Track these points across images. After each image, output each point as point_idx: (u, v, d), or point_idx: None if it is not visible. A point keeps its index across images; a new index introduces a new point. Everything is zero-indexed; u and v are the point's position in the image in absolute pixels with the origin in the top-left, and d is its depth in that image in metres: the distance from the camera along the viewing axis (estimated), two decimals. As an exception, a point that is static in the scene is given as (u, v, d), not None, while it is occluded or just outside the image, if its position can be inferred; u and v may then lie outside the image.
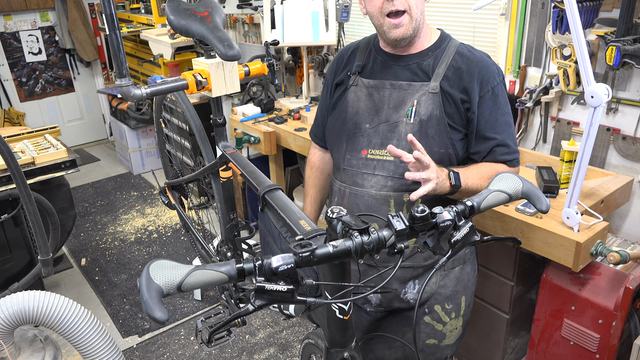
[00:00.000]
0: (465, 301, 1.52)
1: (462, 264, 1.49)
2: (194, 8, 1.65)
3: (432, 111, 1.35)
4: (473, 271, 1.54)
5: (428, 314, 1.48)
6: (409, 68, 1.39)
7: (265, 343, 2.57)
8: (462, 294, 1.51)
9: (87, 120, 5.45)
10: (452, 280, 1.48)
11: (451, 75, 1.36)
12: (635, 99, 1.92)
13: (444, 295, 1.48)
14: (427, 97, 1.35)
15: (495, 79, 1.37)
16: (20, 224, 2.50)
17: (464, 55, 1.37)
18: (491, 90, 1.36)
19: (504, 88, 1.40)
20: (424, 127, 1.35)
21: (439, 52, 1.39)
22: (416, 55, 1.40)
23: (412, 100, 1.37)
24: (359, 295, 0.96)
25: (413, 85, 1.37)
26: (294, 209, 1.33)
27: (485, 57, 1.39)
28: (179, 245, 3.48)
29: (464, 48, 1.40)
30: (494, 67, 1.38)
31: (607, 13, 1.91)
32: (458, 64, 1.36)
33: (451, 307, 1.49)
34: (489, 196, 0.99)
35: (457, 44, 1.40)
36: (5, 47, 4.76)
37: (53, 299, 1.45)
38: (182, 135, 3.67)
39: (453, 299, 1.49)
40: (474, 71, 1.35)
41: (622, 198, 1.94)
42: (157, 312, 0.75)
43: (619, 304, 1.66)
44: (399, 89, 1.39)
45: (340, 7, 2.83)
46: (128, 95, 1.44)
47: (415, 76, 1.38)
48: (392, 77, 1.41)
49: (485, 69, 1.36)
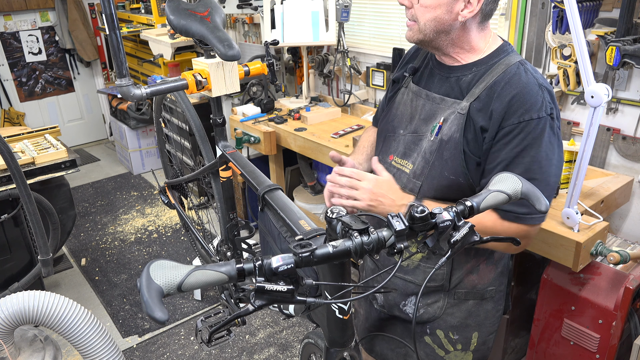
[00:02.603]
0: (479, 338, 1.43)
1: (479, 299, 1.39)
2: (193, 8, 1.65)
3: (454, 133, 1.22)
4: (495, 310, 1.43)
5: (429, 335, 1.43)
6: (449, 81, 1.27)
7: (265, 343, 2.57)
8: (475, 330, 1.41)
9: (87, 120, 5.45)
10: (463, 311, 1.40)
11: (484, 98, 1.18)
12: (635, 99, 1.92)
13: (450, 324, 1.40)
14: (455, 117, 1.22)
15: (529, 113, 1.13)
16: (20, 224, 2.50)
17: (509, 77, 1.17)
18: (517, 124, 1.14)
19: (541, 127, 1.14)
20: (442, 148, 1.24)
21: (483, 69, 1.22)
22: (459, 68, 1.26)
23: (440, 117, 1.25)
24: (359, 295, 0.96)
25: (445, 100, 1.26)
26: (294, 209, 1.33)
27: (533, 85, 1.15)
28: (179, 245, 3.48)
29: (516, 69, 1.18)
30: (537, 98, 1.14)
31: (607, 13, 1.91)
32: (497, 86, 1.17)
33: (457, 338, 1.41)
34: (488, 196, 0.99)
35: (510, 62, 1.20)
36: (5, 47, 4.76)
37: (53, 299, 1.45)
38: (182, 135, 3.67)
39: (461, 331, 1.41)
40: (507, 96, 1.15)
41: (622, 198, 1.94)
42: (157, 312, 0.75)
43: (619, 304, 1.66)
44: (432, 101, 1.29)
45: (340, 7, 2.83)
46: (128, 95, 1.44)
47: (451, 91, 1.26)
48: (432, 87, 1.31)
49: (523, 97, 1.14)
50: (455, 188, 1.24)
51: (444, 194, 1.26)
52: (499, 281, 1.41)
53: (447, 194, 1.25)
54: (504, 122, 1.16)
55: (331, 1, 2.85)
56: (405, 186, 1.31)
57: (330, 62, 3.17)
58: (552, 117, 1.16)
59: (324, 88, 3.42)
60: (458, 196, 1.17)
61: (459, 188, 1.24)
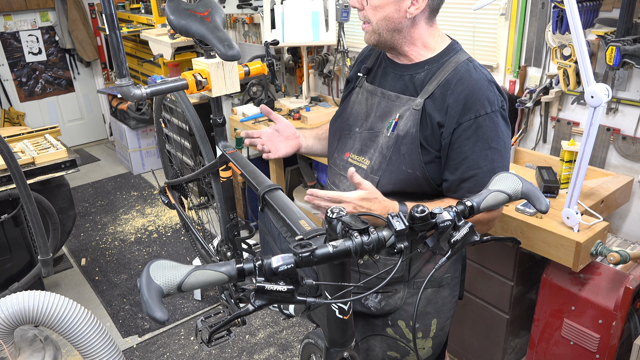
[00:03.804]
0: (437, 324, 1.47)
1: (437, 287, 1.44)
2: (194, 8, 1.65)
3: (410, 128, 1.28)
4: (452, 297, 1.48)
5: (391, 327, 1.45)
6: (403, 79, 1.34)
7: (265, 343, 2.57)
8: (434, 317, 1.45)
9: (87, 120, 5.45)
10: (422, 300, 1.43)
11: (438, 95, 1.26)
12: (635, 99, 1.92)
13: (410, 313, 1.43)
14: (410, 113, 1.29)
15: (484, 108, 1.22)
16: (20, 224, 2.50)
17: (460, 74, 1.25)
18: (474, 119, 1.22)
19: (495, 119, 1.24)
20: (399, 143, 1.29)
21: (434, 67, 1.29)
22: (412, 66, 1.33)
23: (396, 114, 1.32)
24: (359, 295, 0.96)
25: (401, 97, 1.32)
26: (294, 209, 1.33)
27: (484, 81, 1.25)
28: (179, 245, 3.48)
29: (465, 66, 1.27)
30: (489, 94, 1.23)
31: (607, 13, 1.91)
32: (450, 82, 1.25)
33: (417, 327, 1.45)
34: (488, 196, 0.99)
35: (460, 60, 1.28)
36: (5, 47, 4.76)
37: (53, 299, 1.45)
38: (182, 135, 3.67)
39: (420, 319, 1.44)
40: (460, 93, 1.23)
41: (622, 198, 1.94)
42: (157, 312, 0.75)
43: (619, 304, 1.66)
44: (387, 98, 1.35)
45: (340, 7, 2.83)
46: (128, 95, 1.44)
47: (405, 89, 1.32)
48: (386, 85, 1.37)
49: (476, 93, 1.22)
50: (413, 181, 1.30)
51: (402, 188, 1.31)
52: (454, 268, 1.46)
53: (404, 188, 1.30)
54: (461, 117, 1.23)
55: (331, 1, 2.85)
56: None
57: (330, 62, 3.17)
58: (502, 108, 1.26)
59: (324, 88, 3.42)
60: (414, 189, 1.30)
61: (416, 181, 1.30)
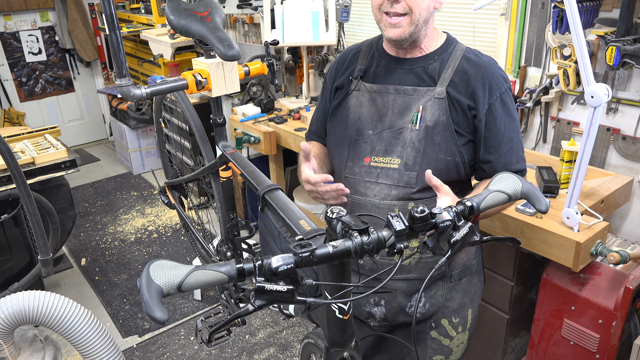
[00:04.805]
0: (472, 314, 1.47)
1: (469, 276, 1.44)
2: (193, 8, 1.65)
3: (439, 117, 1.30)
4: (480, 282, 1.50)
5: (435, 329, 1.43)
6: (414, 72, 1.35)
7: (265, 343, 2.57)
8: (469, 307, 1.46)
9: (87, 120, 5.45)
10: (459, 292, 1.43)
11: (458, 81, 1.31)
12: (635, 99, 1.92)
13: (451, 309, 1.43)
14: (433, 103, 1.31)
15: (503, 85, 1.32)
16: (20, 224, 2.50)
17: (471, 60, 1.33)
18: (499, 97, 1.31)
19: (511, 95, 1.35)
20: (430, 133, 1.30)
21: (445, 56, 1.34)
22: (421, 58, 1.35)
23: (418, 106, 1.32)
24: (359, 295, 0.96)
25: (418, 90, 1.33)
26: (294, 209, 1.33)
27: (493, 63, 1.35)
28: (179, 245, 3.48)
29: (471, 52, 1.35)
30: (501, 72, 1.35)
31: (607, 13, 1.91)
32: (465, 68, 1.32)
33: (458, 321, 1.44)
34: (488, 196, 0.99)
35: (463, 48, 1.36)
36: (5, 47, 4.76)
37: (53, 299, 1.45)
38: (182, 135, 3.67)
39: (460, 312, 1.44)
40: (481, 77, 1.31)
41: (622, 198, 1.94)
42: (157, 312, 0.75)
43: (619, 304, 1.66)
44: (403, 94, 1.34)
45: (340, 7, 2.83)
46: (128, 95, 1.44)
47: (420, 81, 1.34)
48: (396, 81, 1.36)
49: (493, 75, 1.32)
50: (452, 168, 1.32)
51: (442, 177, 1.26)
52: (477, 252, 1.47)
53: (443, 177, 1.26)
54: (490, 98, 1.31)
55: (331, 1, 2.85)
56: (397, 181, 1.32)
57: (330, 62, 3.17)
58: (509, 87, 1.36)
59: (324, 88, 3.42)
60: (452, 177, 1.33)
61: (455, 167, 1.32)
